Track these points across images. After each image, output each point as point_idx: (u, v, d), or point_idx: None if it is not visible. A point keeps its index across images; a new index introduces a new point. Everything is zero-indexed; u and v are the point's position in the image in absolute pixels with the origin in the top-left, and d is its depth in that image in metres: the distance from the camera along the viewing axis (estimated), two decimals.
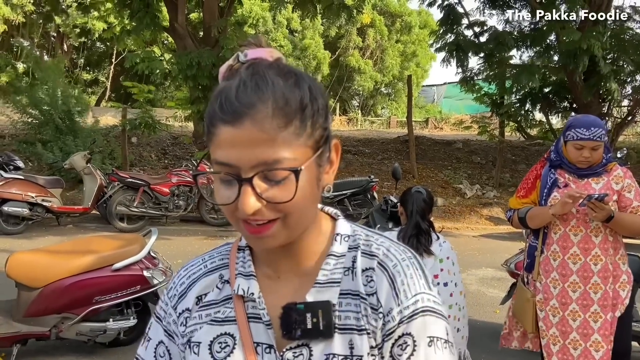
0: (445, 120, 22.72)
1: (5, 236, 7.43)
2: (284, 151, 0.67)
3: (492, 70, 10.26)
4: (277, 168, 0.67)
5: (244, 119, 0.66)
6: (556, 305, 2.53)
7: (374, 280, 0.76)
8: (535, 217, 2.59)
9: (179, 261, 6.21)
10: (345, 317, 0.75)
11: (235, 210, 0.70)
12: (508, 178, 11.93)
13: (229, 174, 0.68)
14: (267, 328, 0.77)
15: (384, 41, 26.54)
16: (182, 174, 8.72)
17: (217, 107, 0.69)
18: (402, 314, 0.74)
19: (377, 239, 0.81)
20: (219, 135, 0.68)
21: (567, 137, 2.50)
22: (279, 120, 0.67)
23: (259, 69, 0.70)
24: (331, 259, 0.78)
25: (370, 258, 0.78)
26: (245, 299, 0.79)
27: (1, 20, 18.35)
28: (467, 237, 8.86)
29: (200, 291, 0.83)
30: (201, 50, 9.24)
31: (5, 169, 8.36)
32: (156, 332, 0.86)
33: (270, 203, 0.69)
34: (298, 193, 0.68)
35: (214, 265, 0.85)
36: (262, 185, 0.68)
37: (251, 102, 0.67)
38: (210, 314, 0.81)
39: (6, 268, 3.51)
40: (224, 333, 0.79)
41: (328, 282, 0.77)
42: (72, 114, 10.92)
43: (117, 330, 3.77)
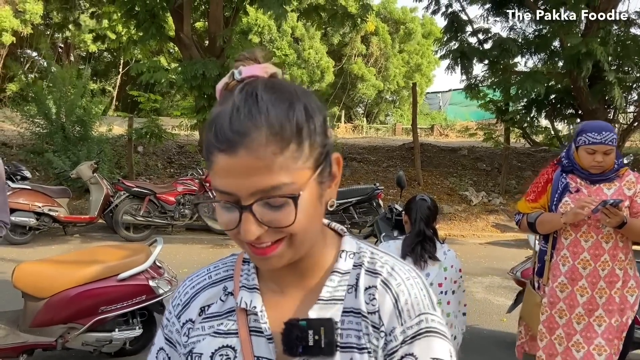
0: (451, 127, 22.72)
1: (12, 246, 7.47)
2: (281, 177, 0.67)
3: (496, 77, 10.26)
4: (275, 195, 0.67)
5: (238, 147, 0.66)
6: (563, 308, 2.53)
7: (377, 298, 0.76)
8: (545, 222, 2.59)
9: (185, 270, 6.21)
10: (347, 335, 0.75)
11: (239, 234, 0.70)
12: (514, 185, 11.89)
13: (228, 202, 0.69)
14: (269, 342, 0.76)
15: (387, 49, 26.62)
16: (187, 183, 8.75)
17: (212, 136, 0.68)
18: (405, 333, 0.74)
19: (382, 257, 0.81)
20: (216, 164, 0.68)
21: (578, 142, 2.50)
22: (274, 146, 0.66)
23: (252, 91, 0.69)
24: (335, 276, 0.78)
25: (373, 276, 0.78)
26: (248, 312, 0.79)
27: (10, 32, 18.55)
28: (474, 245, 8.82)
29: (204, 302, 0.83)
30: (206, 59, 9.30)
31: (13, 179, 8.41)
32: (159, 339, 0.87)
33: (271, 228, 0.69)
34: (299, 216, 0.68)
35: (219, 276, 0.85)
36: (262, 211, 0.68)
37: (245, 130, 0.66)
38: (213, 325, 0.81)
39: (13, 278, 3.52)
40: (225, 345, 0.78)
41: (331, 299, 0.77)
42: (85, 123, 11.00)
43: (122, 340, 3.77)
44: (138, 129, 11.03)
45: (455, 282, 2.53)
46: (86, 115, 11.01)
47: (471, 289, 6.02)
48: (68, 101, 10.91)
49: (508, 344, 4.37)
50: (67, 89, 10.95)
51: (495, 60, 10.00)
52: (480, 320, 4.98)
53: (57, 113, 10.94)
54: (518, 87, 9.57)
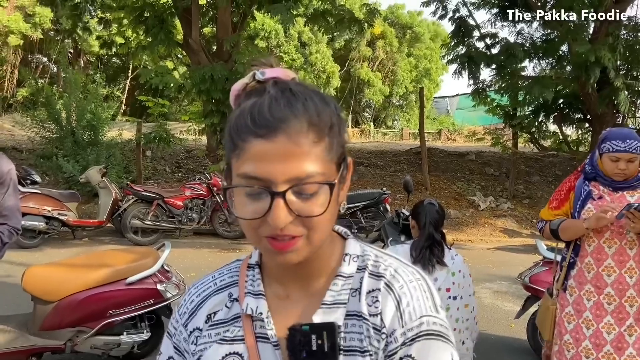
0: (458, 132, 22.66)
1: (21, 250, 7.53)
2: (317, 166, 0.68)
3: (504, 82, 10.22)
4: (312, 182, 0.68)
5: (278, 133, 0.66)
6: (590, 318, 2.49)
7: (379, 300, 0.76)
8: (567, 229, 2.57)
9: (193, 274, 6.23)
10: (350, 339, 0.75)
11: (260, 226, 0.69)
12: (522, 190, 11.84)
13: (261, 187, 0.68)
14: (275, 349, 0.77)
15: (394, 53, 26.63)
16: (195, 187, 8.79)
17: (249, 121, 0.68)
18: (406, 335, 0.73)
19: (386, 260, 0.80)
20: (250, 149, 0.68)
21: (602, 149, 2.48)
22: (312, 136, 0.68)
23: (287, 86, 0.71)
24: (339, 280, 0.78)
25: (377, 279, 0.78)
26: (254, 318, 0.79)
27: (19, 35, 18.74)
28: (481, 250, 8.78)
29: (210, 310, 0.83)
30: (214, 64, 9.35)
31: (23, 183, 8.49)
32: (167, 348, 0.87)
33: (299, 218, 0.68)
34: (329, 206, 0.69)
35: (224, 283, 0.85)
36: (293, 199, 0.68)
37: (285, 116, 0.67)
38: (220, 332, 0.80)
39: (22, 282, 3.55)
40: (232, 352, 0.78)
41: (335, 303, 0.77)
42: (95, 128, 11.09)
43: (131, 343, 3.78)
44: (147, 133, 11.10)
45: (463, 288, 2.52)
46: (96, 120, 11.10)
47: (479, 294, 5.99)
48: (79, 106, 11.01)
49: (516, 349, 4.35)
50: (77, 94, 11.05)
51: (503, 65, 9.97)
52: (488, 326, 4.96)
53: (67, 118, 11.05)
54: (526, 93, 9.53)
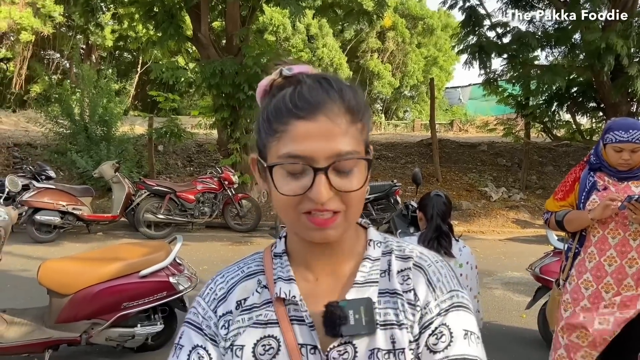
0: (471, 122, 22.48)
1: (37, 244, 7.66)
2: (352, 145, 0.74)
3: (516, 72, 10.11)
4: (352, 158, 0.73)
5: (318, 113, 0.72)
6: (587, 306, 2.51)
7: (411, 278, 0.82)
8: (573, 220, 2.59)
9: (205, 267, 6.30)
10: (385, 314, 0.80)
11: (300, 203, 0.74)
12: (535, 180, 11.75)
13: (304, 165, 0.72)
14: (311, 329, 0.79)
15: (405, 45, 26.46)
16: (207, 181, 8.85)
17: (291, 105, 0.73)
18: (440, 307, 0.80)
19: (408, 245, 0.88)
20: (292, 130, 0.73)
21: (606, 140, 2.49)
22: (348, 117, 0.74)
23: (321, 76, 0.77)
24: (367, 262, 0.83)
25: (404, 260, 0.84)
26: (286, 302, 0.82)
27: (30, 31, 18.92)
28: (493, 241, 8.75)
29: (240, 295, 0.85)
30: (224, 59, 9.37)
31: (38, 179, 8.62)
32: (190, 340, 0.85)
33: (338, 194, 0.73)
34: (362, 184, 0.75)
35: (251, 270, 0.88)
36: (333, 176, 0.73)
37: (324, 99, 0.73)
38: (252, 317, 0.83)
39: (38, 275, 3.62)
40: (267, 335, 0.81)
41: (367, 282, 0.81)
42: (107, 123, 11.20)
43: (145, 335, 3.85)
44: (158, 128, 11.19)
45: (470, 279, 2.53)
46: (108, 115, 11.21)
47: (490, 285, 5.98)
48: (91, 102, 11.12)
49: (528, 340, 4.35)
50: (90, 90, 11.16)
51: (514, 55, 9.85)
52: (499, 316, 4.96)
53: (81, 114, 11.16)
54: (538, 81, 9.43)
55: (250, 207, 9.09)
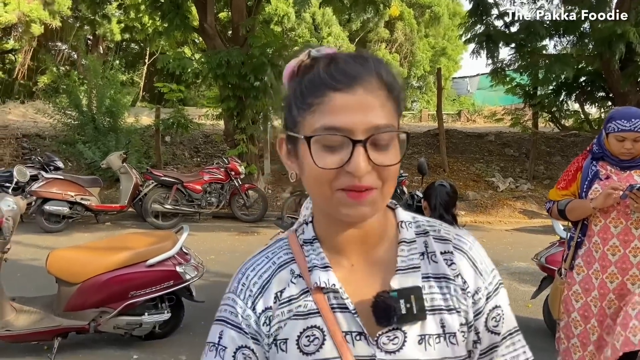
0: (479, 113, 22.33)
1: (46, 234, 7.74)
2: (389, 119, 0.73)
3: (524, 61, 10.02)
4: (390, 131, 0.72)
5: (355, 86, 0.71)
6: (597, 296, 2.52)
7: (455, 262, 0.82)
8: (575, 209, 2.59)
9: (212, 257, 6.34)
10: (432, 299, 0.79)
11: (336, 178, 0.72)
12: (542, 170, 11.68)
13: (343, 137, 0.71)
14: (354, 316, 0.78)
15: (413, 34, 26.29)
16: (213, 172, 8.89)
17: (328, 77, 0.72)
18: (488, 289, 0.82)
19: (440, 224, 0.87)
20: (329, 103, 0.72)
21: (608, 129, 2.49)
22: (385, 91, 0.73)
23: (355, 52, 0.77)
24: (404, 245, 0.82)
25: (444, 242, 0.84)
26: (325, 291, 0.79)
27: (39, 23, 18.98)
28: (500, 231, 8.74)
29: (277, 288, 0.82)
30: (230, 49, 9.37)
31: (46, 169, 8.70)
32: (232, 340, 0.82)
33: (375, 169, 0.72)
34: (398, 159, 0.74)
35: (282, 260, 0.85)
36: (370, 150, 0.72)
37: (360, 72, 0.72)
38: (292, 309, 0.80)
39: (47, 264, 3.67)
40: (310, 326, 0.79)
41: (409, 267, 0.80)
42: (114, 114, 11.25)
43: (152, 323, 3.90)
44: (165, 119, 11.23)
45: None
46: (115, 106, 11.25)
47: None
48: (98, 93, 11.16)
49: (533, 329, 4.36)
50: (97, 81, 11.20)
51: (523, 44, 9.76)
52: None
53: (88, 105, 11.21)
54: (546, 71, 9.34)
55: (257, 197, 9.13)
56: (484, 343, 0.82)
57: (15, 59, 22.94)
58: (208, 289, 5.13)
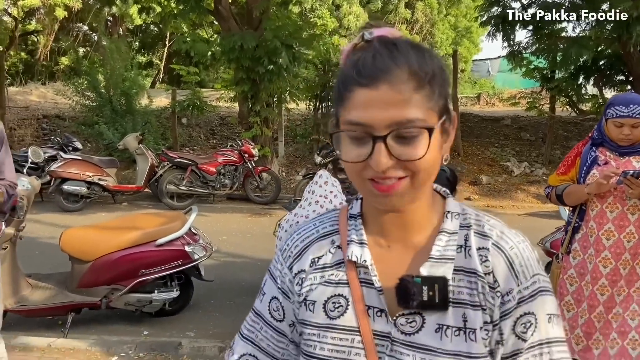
0: (498, 96, 22.02)
1: (65, 213, 7.96)
2: (416, 112, 0.72)
3: (541, 44, 9.83)
4: (412, 126, 0.72)
5: (380, 81, 0.72)
6: (589, 280, 2.56)
7: (489, 260, 0.80)
8: (571, 194, 2.62)
9: (224, 237, 6.47)
10: (459, 292, 0.80)
11: (363, 170, 0.75)
12: (559, 155, 11.54)
13: (363, 132, 0.73)
14: (379, 294, 0.81)
15: (433, 15, 25.87)
16: (227, 154, 9.00)
17: (355, 72, 0.74)
18: (522, 293, 0.79)
19: (489, 220, 0.85)
20: (354, 98, 0.73)
21: (607, 115, 2.51)
22: (413, 83, 0.73)
23: (391, 41, 0.76)
24: (443, 236, 0.82)
25: (483, 238, 0.82)
26: (357, 265, 0.84)
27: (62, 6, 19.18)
28: (511, 216, 8.70)
29: (315, 254, 0.88)
30: (244, 32, 9.38)
31: (65, 150, 8.92)
32: (270, 289, 0.92)
33: (400, 161, 0.73)
34: (428, 151, 0.73)
35: (326, 230, 0.90)
36: (393, 144, 0.72)
37: (387, 66, 0.73)
38: (325, 276, 0.86)
39: (60, 243, 3.82)
40: (337, 294, 0.84)
41: (442, 257, 0.81)
42: (130, 96, 11.40)
43: (162, 301, 4.04)
44: (181, 101, 11.34)
45: None
46: (133, 87, 11.39)
47: None
48: (117, 74, 11.31)
49: None
50: (113, 63, 11.34)
51: (540, 26, 9.57)
52: None
53: (106, 86, 11.38)
54: (563, 54, 9.18)
55: (270, 179, 9.22)
56: (508, 346, 0.80)
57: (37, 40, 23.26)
58: (218, 269, 5.26)
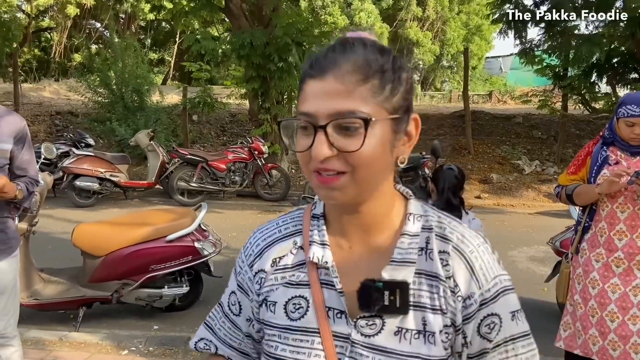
0: (510, 94, 21.87)
1: (77, 208, 8.05)
2: (358, 104, 0.73)
3: (553, 41, 9.74)
4: (352, 116, 0.72)
5: (327, 73, 0.74)
6: (596, 278, 2.53)
7: (450, 264, 0.80)
8: (581, 194, 2.59)
9: (234, 234, 6.50)
10: (419, 296, 0.80)
11: (309, 161, 0.75)
12: (571, 154, 11.44)
13: (307, 121, 0.74)
14: (340, 295, 0.81)
15: (445, 12, 25.70)
16: (237, 151, 9.04)
17: (308, 66, 0.77)
18: (484, 296, 0.79)
19: (450, 222, 0.84)
20: (306, 89, 0.76)
21: (618, 114, 2.48)
22: (357, 75, 0.73)
23: (348, 39, 0.79)
24: (405, 238, 0.81)
25: (444, 241, 0.81)
26: (318, 266, 0.84)
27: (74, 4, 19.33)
28: (522, 215, 8.66)
29: (276, 254, 0.88)
30: (254, 30, 9.40)
31: (78, 146, 9.00)
32: (232, 283, 0.95)
33: (340, 153, 0.73)
34: (367, 145, 0.73)
35: (288, 231, 0.90)
36: (335, 135, 0.73)
37: (336, 60, 0.75)
38: (285, 276, 0.86)
39: (72, 238, 3.86)
40: (298, 295, 0.84)
41: (404, 261, 0.80)
42: (142, 93, 11.47)
43: (172, 296, 4.07)
44: (192, 98, 11.40)
45: None
46: (144, 84, 11.46)
47: (515, 258, 5.99)
48: (128, 72, 11.39)
49: (545, 312, 4.37)
50: (128, 60, 11.41)
51: (552, 24, 9.48)
52: (521, 289, 4.84)
53: (117, 83, 11.46)
54: (575, 52, 9.09)
55: (280, 176, 9.25)
56: (473, 347, 0.81)
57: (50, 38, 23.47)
58: (228, 265, 5.28)
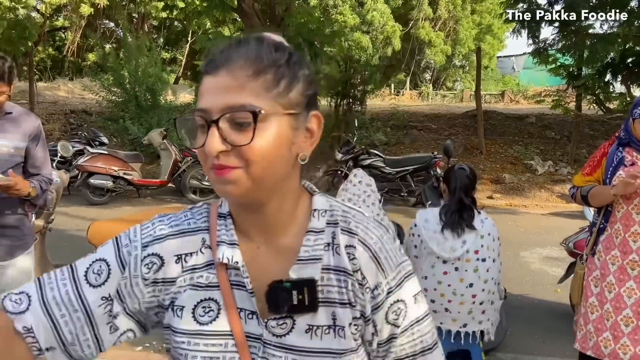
0: (523, 93, 21.72)
1: (91, 206, 8.14)
2: (250, 99, 0.72)
3: (567, 40, 9.66)
4: (243, 110, 0.71)
5: (221, 69, 0.74)
6: (613, 282, 2.52)
7: (357, 257, 0.80)
8: (597, 195, 2.58)
9: None
10: (328, 291, 0.80)
11: (207, 158, 0.74)
12: (585, 154, 11.35)
13: (202, 117, 0.74)
14: (250, 296, 0.80)
15: (457, 11, 25.58)
16: None
17: (205, 64, 0.77)
18: (390, 284, 0.81)
19: (355, 216, 0.85)
20: (202, 86, 0.76)
21: (634, 114, 2.46)
22: (249, 70, 0.73)
23: (246, 37, 0.78)
24: (311, 235, 0.81)
25: (350, 235, 0.82)
26: (228, 267, 0.81)
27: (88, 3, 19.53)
28: (535, 215, 8.61)
29: (182, 249, 0.83)
30: (266, 29, 9.43)
31: (92, 145, 9.10)
32: (106, 252, 0.83)
33: (235, 149, 0.72)
34: (259, 139, 0.72)
35: (197, 226, 0.85)
36: (228, 130, 0.72)
37: (229, 56, 0.75)
38: (193, 278, 0.82)
39: (87, 235, 3.90)
40: (207, 298, 0.81)
41: (310, 258, 0.80)
42: (155, 92, 11.55)
43: None
44: None
45: (493, 250, 2.58)
46: (158, 83, 11.54)
47: (527, 259, 5.96)
48: (139, 70, 11.48)
49: (559, 314, 4.35)
50: (141, 59, 11.51)
51: (566, 23, 9.40)
52: (533, 290, 4.96)
53: (131, 82, 11.56)
54: (589, 51, 9.01)
55: None
56: (383, 334, 0.82)
57: (65, 37, 23.72)
58: None
